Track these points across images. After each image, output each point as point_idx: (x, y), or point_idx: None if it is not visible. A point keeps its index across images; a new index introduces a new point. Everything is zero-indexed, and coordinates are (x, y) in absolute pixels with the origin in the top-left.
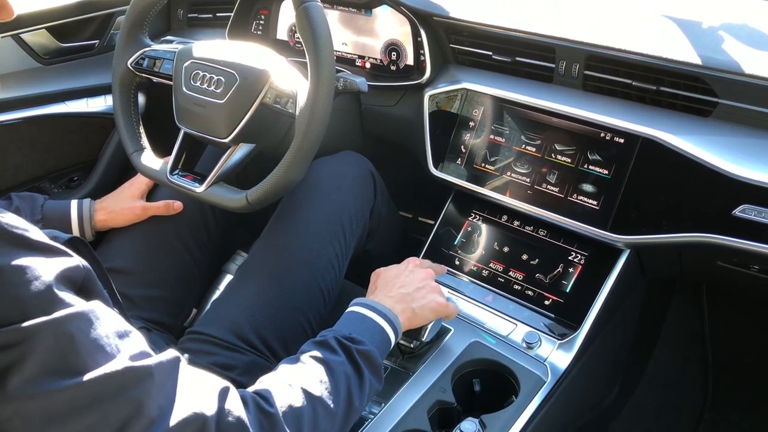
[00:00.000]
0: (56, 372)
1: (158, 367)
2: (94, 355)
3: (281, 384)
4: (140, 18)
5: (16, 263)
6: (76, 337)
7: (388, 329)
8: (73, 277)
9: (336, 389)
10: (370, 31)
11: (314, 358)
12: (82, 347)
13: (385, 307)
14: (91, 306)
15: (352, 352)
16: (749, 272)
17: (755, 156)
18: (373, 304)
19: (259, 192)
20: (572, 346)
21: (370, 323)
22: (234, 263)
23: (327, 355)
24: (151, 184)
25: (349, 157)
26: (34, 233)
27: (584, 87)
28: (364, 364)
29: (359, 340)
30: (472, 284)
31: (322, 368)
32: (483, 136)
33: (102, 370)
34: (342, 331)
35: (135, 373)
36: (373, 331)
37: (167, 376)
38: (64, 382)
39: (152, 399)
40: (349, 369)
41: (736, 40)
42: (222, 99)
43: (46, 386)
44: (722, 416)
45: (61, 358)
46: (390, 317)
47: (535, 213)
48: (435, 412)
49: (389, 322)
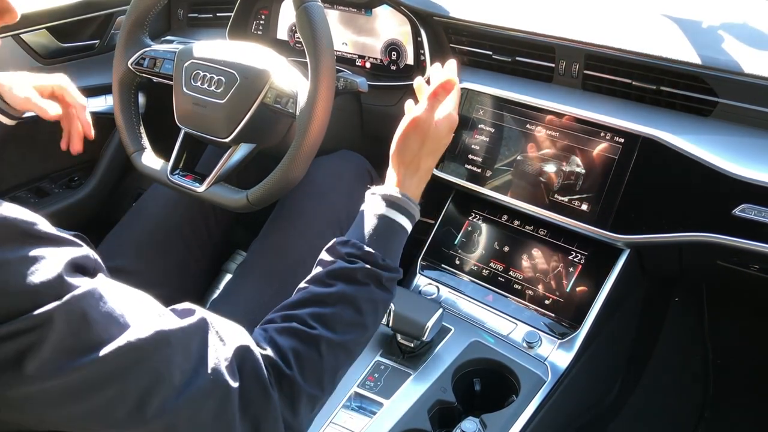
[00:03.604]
0: (72, 350)
1: (177, 333)
2: (108, 329)
3: (303, 336)
4: (141, 18)
5: (25, 255)
6: (88, 313)
7: (409, 227)
8: (84, 264)
9: (363, 329)
10: (371, 31)
11: (341, 298)
12: (94, 323)
13: (411, 203)
14: (98, 282)
15: (382, 281)
16: (749, 272)
17: (755, 155)
18: (402, 201)
19: (259, 191)
20: (572, 345)
21: (398, 231)
22: (234, 263)
23: (356, 291)
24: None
25: (347, 156)
26: (42, 225)
27: (584, 87)
28: (392, 289)
29: (390, 266)
30: (472, 284)
31: (349, 309)
32: (483, 136)
33: (117, 342)
34: (374, 254)
35: (150, 341)
36: (401, 239)
37: (190, 339)
38: (80, 360)
39: (174, 365)
40: (378, 297)
41: (736, 39)
42: (222, 99)
43: (63, 365)
44: (722, 416)
45: (75, 336)
46: (414, 214)
47: (535, 212)
48: (435, 412)
49: (412, 219)
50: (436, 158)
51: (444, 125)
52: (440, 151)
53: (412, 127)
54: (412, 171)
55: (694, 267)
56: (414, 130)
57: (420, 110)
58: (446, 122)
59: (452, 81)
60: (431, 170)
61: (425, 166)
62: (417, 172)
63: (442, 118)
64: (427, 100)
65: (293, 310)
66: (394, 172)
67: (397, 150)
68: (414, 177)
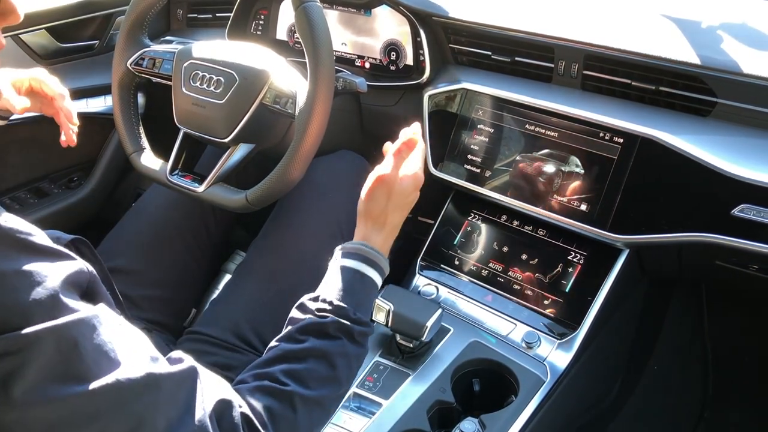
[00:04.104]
0: (59, 379)
1: (168, 378)
2: (99, 362)
3: (276, 395)
4: (140, 18)
5: (20, 268)
6: (80, 343)
7: (379, 281)
8: (78, 281)
9: (337, 383)
10: (370, 31)
11: (313, 352)
12: (85, 353)
13: (380, 257)
14: (96, 311)
15: (354, 336)
16: (748, 272)
17: (754, 155)
18: (372, 254)
19: (258, 192)
20: (572, 345)
21: (368, 285)
22: (233, 263)
23: (328, 346)
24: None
25: (346, 156)
26: (39, 237)
27: (583, 87)
28: (364, 344)
29: (361, 320)
30: (471, 284)
31: (322, 363)
32: (482, 136)
33: (106, 379)
34: (344, 308)
35: (140, 383)
36: (371, 293)
37: (178, 387)
38: (66, 390)
39: (159, 411)
40: (351, 352)
41: (735, 39)
42: (221, 99)
43: (48, 393)
44: (722, 415)
45: (64, 365)
46: (384, 267)
47: (534, 212)
48: (434, 412)
49: (382, 273)
50: (403, 214)
51: (409, 182)
52: (407, 206)
53: (378, 183)
54: (379, 226)
55: (693, 267)
56: (380, 186)
57: (385, 167)
58: (411, 179)
59: (415, 140)
60: (399, 226)
61: (392, 222)
62: (384, 227)
63: (407, 175)
64: (392, 157)
65: (265, 368)
66: (362, 226)
67: (365, 205)
68: (381, 232)
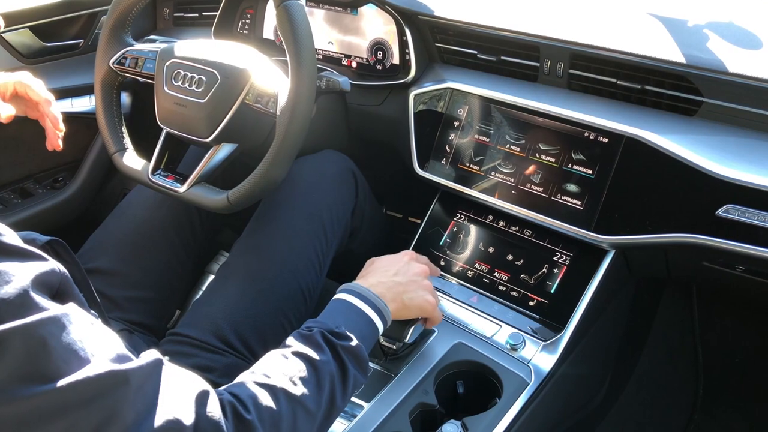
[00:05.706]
0: (28, 378)
1: (136, 372)
2: (68, 361)
3: (261, 386)
4: (122, 17)
5: None
6: (48, 341)
7: (377, 320)
8: (49, 281)
9: (319, 389)
10: (356, 30)
11: (298, 355)
12: (54, 352)
13: (375, 296)
14: (65, 309)
15: (337, 349)
16: (735, 273)
17: (739, 155)
18: (363, 291)
19: (240, 192)
20: (557, 347)
21: (357, 314)
22: (217, 263)
23: (311, 352)
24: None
25: (330, 156)
26: (9, 237)
27: (569, 86)
28: (349, 362)
29: (346, 335)
30: (457, 285)
31: (305, 367)
32: (468, 136)
33: (75, 376)
34: (328, 324)
35: (109, 379)
36: (361, 323)
37: (146, 379)
38: (35, 388)
39: (128, 404)
40: (334, 368)
41: (721, 38)
42: (203, 98)
43: (17, 392)
44: (712, 416)
45: (32, 364)
46: (379, 306)
47: (519, 213)
48: (417, 415)
49: (378, 312)
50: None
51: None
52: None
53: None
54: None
55: (680, 268)
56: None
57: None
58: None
59: None
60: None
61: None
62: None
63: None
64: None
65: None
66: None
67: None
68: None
